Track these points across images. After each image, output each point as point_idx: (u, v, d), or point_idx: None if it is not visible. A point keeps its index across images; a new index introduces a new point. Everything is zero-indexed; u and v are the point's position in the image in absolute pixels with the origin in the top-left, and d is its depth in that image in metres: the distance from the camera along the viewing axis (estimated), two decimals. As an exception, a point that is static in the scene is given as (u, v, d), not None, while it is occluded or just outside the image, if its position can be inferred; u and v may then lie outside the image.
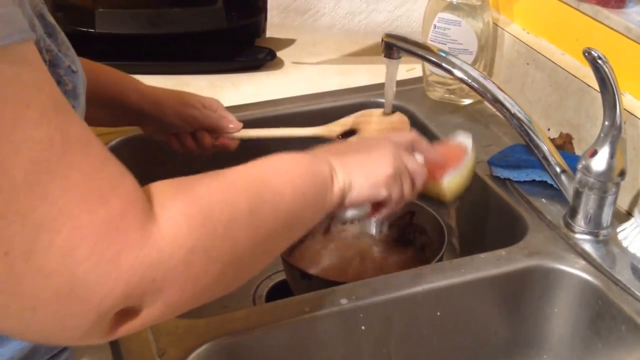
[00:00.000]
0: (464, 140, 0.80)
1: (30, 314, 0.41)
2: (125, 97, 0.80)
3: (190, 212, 0.45)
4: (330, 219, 0.92)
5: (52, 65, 0.51)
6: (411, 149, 0.70)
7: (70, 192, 0.40)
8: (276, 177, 0.53)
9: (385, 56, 0.84)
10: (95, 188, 0.41)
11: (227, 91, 1.05)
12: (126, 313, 0.43)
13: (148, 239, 0.42)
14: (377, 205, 0.66)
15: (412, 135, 0.71)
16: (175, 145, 0.84)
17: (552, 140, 0.89)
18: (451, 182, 0.76)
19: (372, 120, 0.87)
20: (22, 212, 0.39)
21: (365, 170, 0.62)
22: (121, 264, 0.41)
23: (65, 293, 0.40)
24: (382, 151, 0.64)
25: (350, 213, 0.62)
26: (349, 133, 0.87)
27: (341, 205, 0.61)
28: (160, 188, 0.46)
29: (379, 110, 0.87)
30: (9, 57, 0.39)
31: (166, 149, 0.93)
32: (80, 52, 0.59)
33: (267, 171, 0.54)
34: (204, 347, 0.62)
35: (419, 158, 0.70)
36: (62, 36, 0.55)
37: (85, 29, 1.04)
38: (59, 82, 0.51)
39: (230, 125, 0.82)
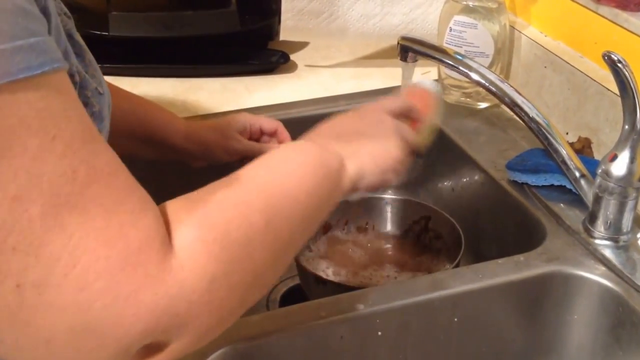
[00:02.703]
0: (430, 85, 0.79)
1: (44, 347, 0.40)
2: (170, 139, 0.80)
3: (207, 237, 0.44)
4: (345, 223, 0.91)
5: (80, 87, 0.50)
6: (401, 114, 0.69)
7: (88, 226, 0.39)
8: (289, 181, 0.52)
9: (401, 59, 0.84)
10: (115, 222, 0.40)
11: (240, 94, 1.05)
12: (152, 347, 0.42)
13: (168, 272, 0.41)
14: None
15: (404, 101, 0.71)
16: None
17: (571, 145, 0.88)
18: (424, 134, 0.74)
19: None
20: (36, 245, 0.38)
21: (375, 157, 0.61)
22: (140, 301, 0.40)
23: (80, 328, 0.39)
24: (387, 132, 0.64)
25: (355, 195, 0.62)
26: None
27: (351, 193, 0.60)
28: (174, 214, 0.44)
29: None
30: (40, 87, 0.39)
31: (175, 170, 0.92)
32: (94, 56, 0.58)
33: (279, 174, 0.52)
34: (219, 352, 0.61)
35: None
36: (90, 57, 0.55)
37: (98, 32, 1.04)
38: (86, 104, 0.51)
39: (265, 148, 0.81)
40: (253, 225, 0.47)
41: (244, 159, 0.82)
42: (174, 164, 0.85)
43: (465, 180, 0.93)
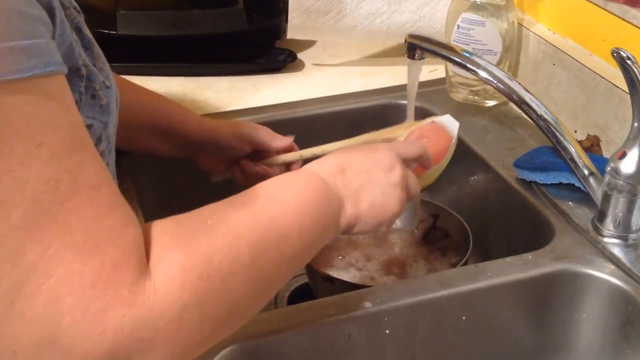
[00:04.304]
0: (451, 126, 0.76)
1: (10, 357, 0.39)
2: (185, 128, 0.80)
3: (187, 264, 0.43)
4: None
5: (88, 79, 0.50)
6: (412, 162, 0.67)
7: (67, 238, 0.39)
8: (284, 216, 0.50)
9: (408, 57, 0.83)
10: (94, 236, 0.40)
11: (248, 93, 1.05)
12: None
13: (139, 295, 0.41)
14: None
15: (420, 150, 0.68)
16: (238, 175, 0.84)
17: (580, 142, 0.88)
18: (429, 176, 0.74)
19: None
20: (14, 252, 0.38)
21: (374, 208, 0.59)
22: (108, 320, 0.39)
23: (47, 342, 0.39)
24: (393, 182, 0.61)
25: (342, 236, 0.61)
26: None
27: (340, 235, 0.60)
28: (158, 235, 0.43)
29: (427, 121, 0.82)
30: (29, 91, 0.39)
31: (182, 167, 0.92)
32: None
33: (275, 208, 0.50)
34: (227, 349, 0.61)
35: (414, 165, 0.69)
36: (98, 50, 0.55)
37: (107, 31, 1.04)
38: (94, 97, 0.51)
39: (278, 144, 0.81)
40: (238, 259, 0.46)
41: (254, 154, 0.82)
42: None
43: (473, 178, 0.93)
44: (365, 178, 0.59)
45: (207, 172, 0.87)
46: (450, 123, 0.77)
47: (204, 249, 0.44)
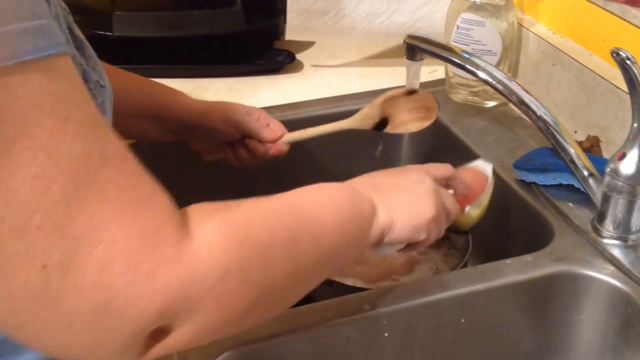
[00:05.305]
0: (485, 167, 0.79)
1: (65, 330, 0.40)
2: (175, 112, 0.81)
3: (227, 232, 0.45)
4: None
5: (82, 78, 0.51)
6: (446, 183, 0.69)
7: (107, 206, 0.40)
8: (318, 209, 0.53)
9: (407, 58, 0.83)
10: (131, 203, 0.41)
11: (247, 94, 1.04)
12: (159, 334, 0.43)
13: (184, 254, 0.42)
14: (412, 243, 0.64)
15: (449, 170, 0.70)
16: (230, 156, 0.85)
17: (579, 143, 0.87)
18: (472, 212, 0.75)
19: (400, 105, 0.85)
20: (60, 224, 0.39)
21: (408, 211, 0.61)
22: (157, 280, 0.41)
23: (102, 308, 0.40)
24: (424, 190, 0.63)
25: (385, 250, 0.62)
26: (381, 122, 0.86)
27: (379, 242, 0.60)
28: (199, 207, 0.46)
29: (401, 90, 0.85)
30: (48, 70, 0.39)
31: (179, 158, 0.92)
32: (98, 56, 0.58)
33: (309, 202, 0.53)
34: (225, 354, 0.61)
35: (450, 192, 0.70)
36: (90, 50, 0.56)
37: (102, 32, 1.04)
38: None
39: (267, 134, 0.82)
40: (276, 235, 0.48)
41: (248, 140, 0.83)
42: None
43: (472, 179, 0.93)
44: (395, 187, 0.62)
45: (200, 153, 0.87)
46: (482, 165, 0.79)
47: (243, 221, 0.46)
